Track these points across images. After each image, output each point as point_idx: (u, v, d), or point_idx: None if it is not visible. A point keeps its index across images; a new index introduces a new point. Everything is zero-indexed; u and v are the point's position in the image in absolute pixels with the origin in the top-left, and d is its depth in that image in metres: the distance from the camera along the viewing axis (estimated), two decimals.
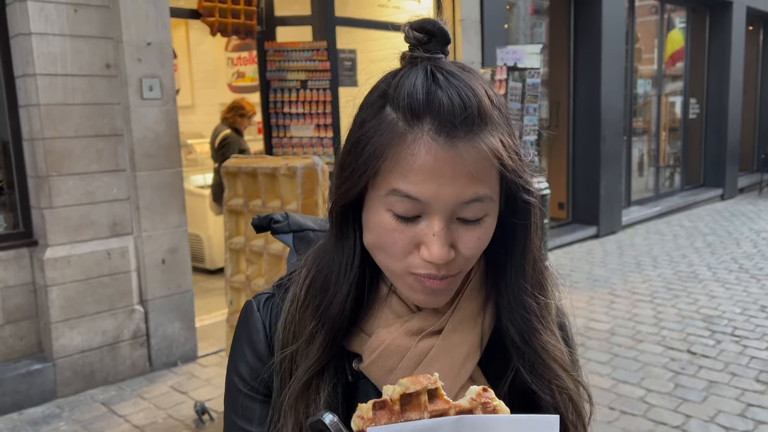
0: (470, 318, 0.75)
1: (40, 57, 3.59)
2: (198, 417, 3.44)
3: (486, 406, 0.61)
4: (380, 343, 0.73)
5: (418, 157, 0.65)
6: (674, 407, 3.49)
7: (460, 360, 0.74)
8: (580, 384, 0.79)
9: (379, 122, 0.68)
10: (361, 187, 0.70)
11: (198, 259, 6.24)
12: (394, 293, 0.76)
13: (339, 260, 0.76)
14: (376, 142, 0.68)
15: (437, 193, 0.66)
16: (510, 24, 5.97)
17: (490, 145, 0.68)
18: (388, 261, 0.71)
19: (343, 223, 0.75)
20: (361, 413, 0.60)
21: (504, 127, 0.70)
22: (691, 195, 10.16)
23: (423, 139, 0.66)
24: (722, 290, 5.58)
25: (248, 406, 0.80)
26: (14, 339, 3.79)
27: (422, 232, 0.68)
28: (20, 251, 3.78)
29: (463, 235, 0.69)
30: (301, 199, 2.97)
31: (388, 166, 0.67)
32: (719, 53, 10.24)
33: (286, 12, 5.24)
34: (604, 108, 7.69)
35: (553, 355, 0.77)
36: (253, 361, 0.80)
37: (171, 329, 4.21)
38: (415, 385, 0.60)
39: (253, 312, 0.82)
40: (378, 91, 0.71)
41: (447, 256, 0.67)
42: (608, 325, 4.77)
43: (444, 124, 0.66)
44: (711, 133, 10.54)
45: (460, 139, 0.66)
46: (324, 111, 4.96)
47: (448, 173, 0.65)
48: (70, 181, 3.76)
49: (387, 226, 0.69)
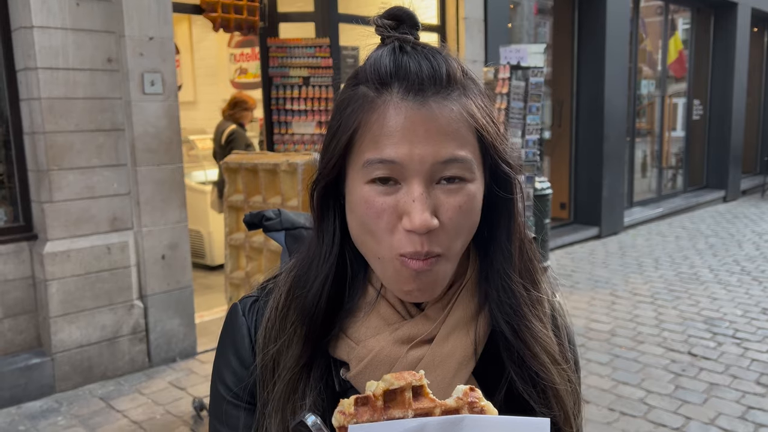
0: (463, 324, 0.72)
1: (41, 50, 3.58)
2: (196, 413, 3.43)
3: (473, 406, 0.59)
4: (368, 352, 0.70)
5: (388, 119, 0.65)
6: (674, 409, 3.47)
7: (453, 369, 0.70)
8: (568, 380, 0.76)
9: (351, 98, 0.69)
10: (337, 158, 0.69)
11: (198, 256, 6.23)
12: (383, 298, 0.73)
13: (318, 250, 0.74)
14: (348, 114, 0.68)
15: (411, 153, 0.64)
16: (514, 23, 5.96)
17: (463, 105, 0.67)
18: (374, 246, 0.69)
19: (323, 206, 0.74)
20: (342, 408, 0.58)
21: (479, 96, 0.70)
22: (693, 197, 10.14)
23: (392, 102, 0.66)
24: (724, 292, 5.56)
25: (232, 413, 0.77)
26: (13, 333, 3.79)
27: (402, 201, 0.66)
28: (20, 245, 3.78)
29: (444, 202, 0.67)
30: (301, 195, 2.96)
31: (361, 137, 0.67)
32: (723, 55, 10.21)
33: (289, 8, 5.22)
34: (607, 108, 7.68)
35: (543, 345, 0.74)
36: (237, 367, 0.78)
37: (170, 325, 4.20)
38: (399, 381, 0.58)
39: (238, 316, 0.80)
40: (352, 75, 0.72)
41: (429, 222, 0.64)
42: (609, 326, 4.76)
43: (412, 85, 0.66)
44: (714, 134, 10.52)
45: (430, 98, 0.66)
46: (326, 108, 4.94)
47: (421, 132, 0.65)
48: (71, 176, 3.75)
49: (367, 198, 0.67)
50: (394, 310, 0.73)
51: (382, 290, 0.73)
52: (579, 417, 0.80)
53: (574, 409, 0.77)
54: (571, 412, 0.76)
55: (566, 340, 0.81)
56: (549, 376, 0.73)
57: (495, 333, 0.74)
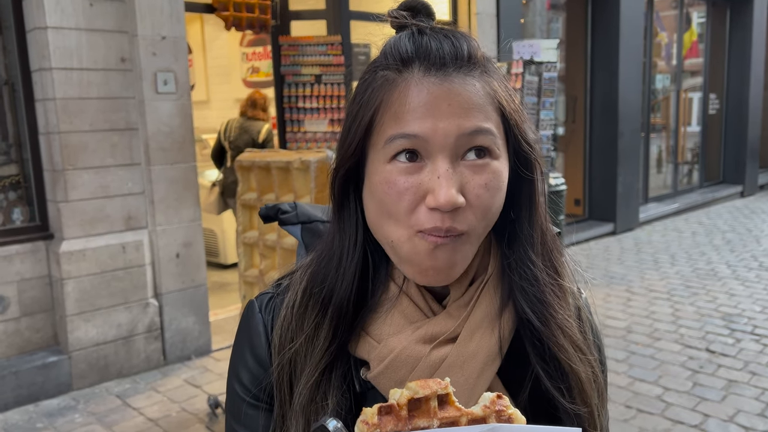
0: (488, 322, 0.70)
1: (56, 51, 3.60)
2: (211, 411, 3.44)
3: (500, 415, 0.57)
4: (389, 351, 0.68)
5: (410, 97, 0.64)
6: (692, 406, 3.43)
7: (477, 369, 0.68)
8: (592, 371, 0.73)
9: (370, 83, 0.68)
10: (359, 140, 0.68)
11: (212, 254, 6.26)
12: (405, 294, 0.71)
13: (340, 243, 0.72)
14: (369, 95, 0.67)
15: (435, 128, 0.63)
16: (526, 19, 5.91)
17: (485, 82, 0.67)
18: (391, 228, 0.66)
19: (344, 195, 0.72)
20: (365, 418, 0.56)
21: (499, 77, 0.69)
22: (710, 192, 10.02)
23: (413, 79, 0.65)
24: (742, 288, 5.49)
25: (250, 414, 0.76)
26: (30, 331, 3.82)
27: (426, 179, 0.64)
28: (36, 244, 3.81)
29: (470, 179, 0.65)
30: (314, 192, 2.96)
31: (382, 116, 0.66)
32: (740, 48, 10.07)
33: (301, 6, 5.22)
34: (621, 103, 7.60)
35: (568, 334, 0.72)
36: (254, 366, 0.76)
37: (185, 323, 4.22)
38: (424, 389, 0.56)
39: (254, 314, 0.78)
40: (370, 64, 0.71)
41: (455, 198, 0.62)
42: (625, 323, 4.71)
43: (434, 62, 0.65)
44: (731, 129, 10.39)
45: (452, 74, 0.65)
46: (338, 106, 4.94)
47: (444, 107, 0.63)
48: (85, 175, 3.77)
49: (389, 178, 0.65)
50: (417, 307, 0.70)
51: (404, 286, 0.71)
52: (604, 413, 0.77)
53: (599, 405, 0.75)
54: (596, 408, 0.73)
55: (590, 332, 0.79)
56: (575, 367, 0.71)
57: (518, 329, 0.72)
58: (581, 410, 0.71)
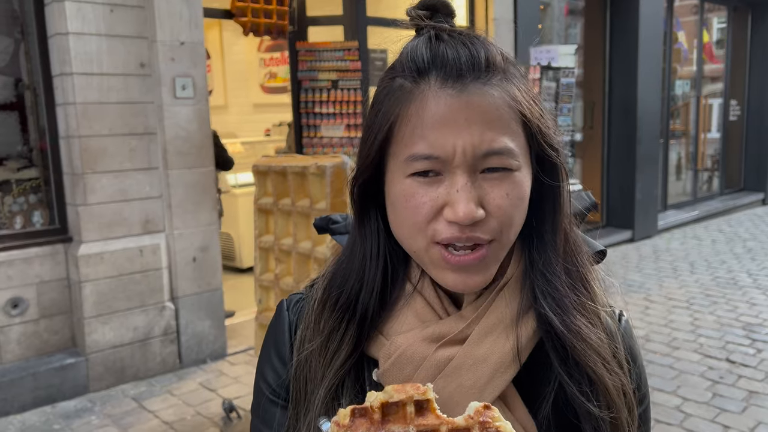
0: (503, 327, 0.67)
1: (77, 56, 3.65)
2: (226, 415, 3.45)
3: (485, 426, 0.54)
4: (395, 349, 0.67)
5: (427, 110, 0.63)
6: (712, 417, 3.37)
7: (487, 375, 0.65)
8: (622, 387, 0.70)
9: (388, 91, 0.68)
10: (376, 152, 0.68)
11: (229, 258, 6.29)
12: (419, 294, 0.70)
13: (362, 248, 0.72)
14: (386, 107, 0.67)
15: (454, 143, 0.62)
16: (544, 24, 5.89)
17: (505, 89, 0.65)
18: (414, 240, 0.66)
19: (363, 203, 0.72)
20: (338, 419, 0.55)
21: (521, 80, 0.68)
22: (730, 199, 9.88)
23: (430, 91, 0.64)
24: (763, 297, 5.40)
25: (269, 410, 0.76)
26: (48, 333, 3.86)
27: (445, 192, 0.64)
28: (55, 247, 3.85)
29: (489, 191, 0.64)
30: (330, 198, 2.96)
31: (400, 130, 0.65)
32: (761, 53, 9.94)
33: (318, 12, 5.24)
34: (640, 109, 7.53)
35: (591, 344, 0.69)
36: (276, 363, 0.77)
37: (201, 327, 4.24)
38: (399, 394, 0.55)
39: (281, 313, 0.79)
40: (389, 68, 0.70)
41: (473, 213, 0.62)
42: (643, 332, 4.65)
43: (450, 73, 0.64)
44: (752, 135, 10.25)
45: (469, 84, 0.64)
46: (354, 111, 4.95)
47: (461, 120, 0.63)
48: (104, 179, 3.81)
49: (408, 192, 0.65)
50: (430, 307, 0.70)
51: (418, 286, 0.71)
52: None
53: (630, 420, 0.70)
54: (625, 422, 0.69)
55: (622, 348, 0.75)
56: (599, 371, 0.68)
57: (542, 339, 0.69)
58: (607, 416, 0.67)
